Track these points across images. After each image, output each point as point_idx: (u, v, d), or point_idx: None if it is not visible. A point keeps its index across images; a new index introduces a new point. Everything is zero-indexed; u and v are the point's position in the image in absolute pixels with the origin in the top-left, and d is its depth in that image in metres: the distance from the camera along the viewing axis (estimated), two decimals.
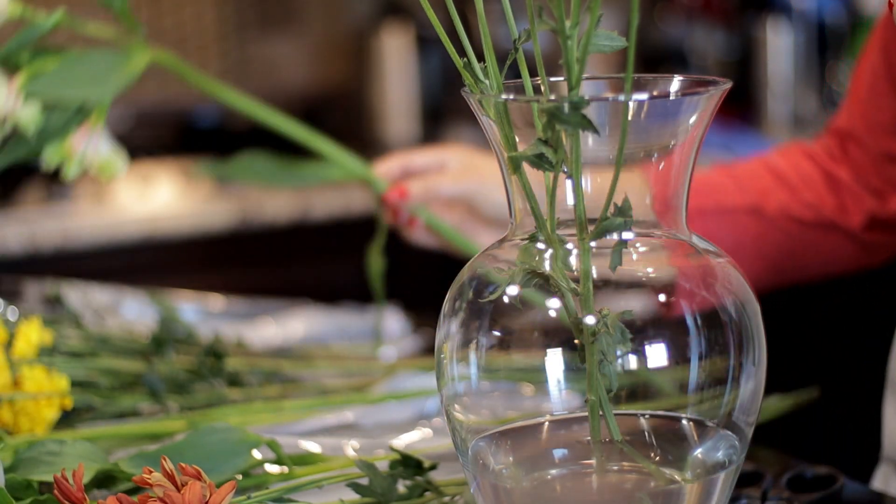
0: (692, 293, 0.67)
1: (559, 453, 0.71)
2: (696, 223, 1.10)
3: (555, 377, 0.67)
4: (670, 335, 0.66)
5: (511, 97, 0.67)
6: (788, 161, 1.16)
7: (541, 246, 0.67)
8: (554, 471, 0.70)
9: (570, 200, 0.66)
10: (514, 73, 0.70)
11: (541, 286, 0.66)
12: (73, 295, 1.30)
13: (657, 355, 0.66)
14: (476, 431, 0.70)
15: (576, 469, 0.70)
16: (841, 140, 1.15)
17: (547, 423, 0.71)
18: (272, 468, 0.83)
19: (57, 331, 1.06)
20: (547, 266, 0.66)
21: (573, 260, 0.66)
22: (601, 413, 0.66)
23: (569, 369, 0.67)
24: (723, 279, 0.68)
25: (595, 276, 0.66)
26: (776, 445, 0.92)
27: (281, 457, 0.83)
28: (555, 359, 0.67)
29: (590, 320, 0.65)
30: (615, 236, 0.67)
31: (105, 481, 0.81)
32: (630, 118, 0.65)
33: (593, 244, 0.66)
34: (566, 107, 0.61)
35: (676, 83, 0.71)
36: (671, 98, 0.69)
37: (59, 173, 0.98)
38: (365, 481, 0.78)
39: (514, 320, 0.67)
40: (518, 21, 0.69)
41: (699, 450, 0.69)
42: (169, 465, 0.68)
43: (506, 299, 0.67)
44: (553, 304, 0.66)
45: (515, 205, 0.70)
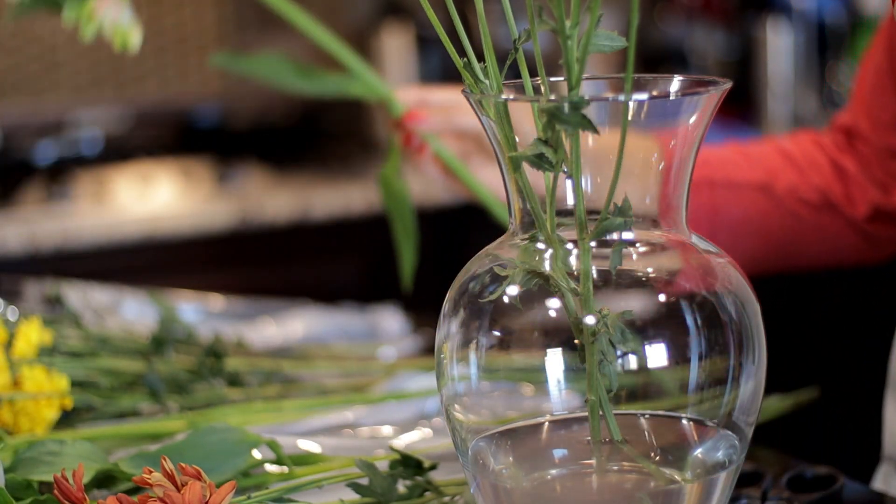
0: (692, 293, 0.67)
1: (559, 453, 0.71)
2: (705, 194, 1.11)
3: (555, 377, 0.67)
4: (670, 335, 0.66)
5: (511, 97, 0.67)
6: (799, 146, 1.16)
7: (541, 246, 0.67)
8: (554, 471, 0.70)
9: (571, 200, 0.66)
10: (514, 73, 0.70)
11: (541, 286, 0.66)
12: (73, 295, 1.30)
13: (657, 355, 0.66)
14: (476, 431, 0.70)
15: (576, 469, 0.70)
16: (845, 136, 1.16)
17: (547, 423, 0.71)
18: (272, 468, 0.83)
19: (57, 331, 1.06)
20: (547, 266, 0.66)
21: (573, 260, 0.66)
22: (601, 413, 0.66)
23: (569, 369, 0.67)
24: (723, 279, 0.68)
25: (595, 276, 0.66)
26: (776, 445, 0.92)
27: (281, 457, 0.83)
28: (555, 359, 0.67)
29: (590, 320, 0.65)
30: (615, 236, 0.67)
31: (105, 481, 0.81)
32: (630, 118, 0.65)
33: (593, 244, 0.66)
34: (566, 107, 0.61)
35: (676, 83, 0.71)
36: (671, 98, 0.69)
37: (59, 174, 0.98)
38: (365, 481, 0.78)
39: (514, 320, 0.67)
40: (518, 21, 0.69)
41: (699, 450, 0.69)
42: (169, 465, 0.68)
43: (506, 299, 0.67)
44: (553, 304, 0.66)
45: (515, 205, 0.70)
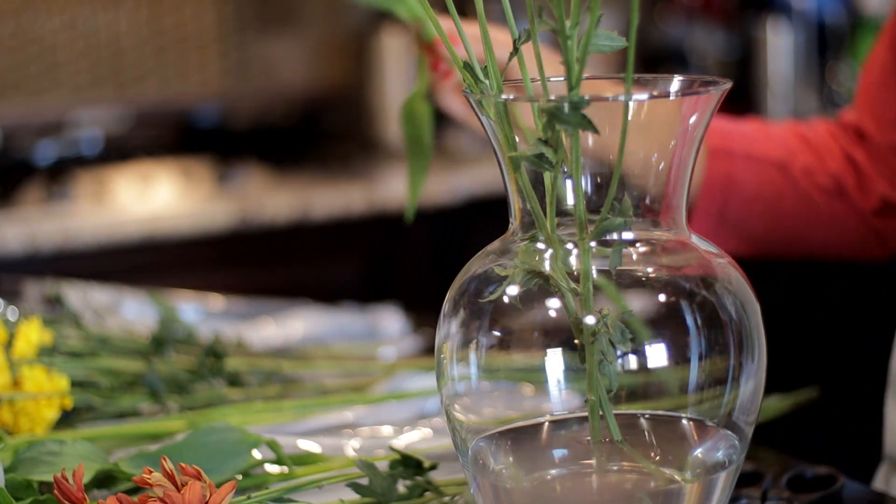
0: (692, 293, 0.67)
1: (559, 453, 0.71)
2: (722, 163, 1.10)
3: (555, 377, 0.67)
4: (670, 335, 0.66)
5: (511, 97, 0.67)
6: (815, 132, 1.17)
7: (541, 246, 0.67)
8: (554, 471, 0.70)
9: (571, 200, 0.66)
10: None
11: (541, 286, 0.66)
12: (73, 295, 1.30)
13: (657, 355, 0.66)
14: (476, 431, 0.70)
15: (576, 469, 0.70)
16: (852, 132, 1.16)
17: (547, 423, 0.71)
18: (272, 468, 0.83)
19: (57, 331, 1.06)
20: (547, 266, 0.66)
21: (573, 260, 0.66)
22: (601, 413, 0.66)
23: (569, 369, 0.67)
24: (723, 279, 0.68)
25: (595, 276, 0.66)
26: (776, 445, 0.92)
27: (281, 457, 0.83)
28: (555, 359, 0.67)
29: (590, 320, 0.65)
30: (615, 236, 0.67)
31: (105, 481, 0.81)
32: (630, 118, 0.65)
33: (593, 244, 0.66)
34: (566, 107, 0.61)
35: (676, 83, 0.71)
36: (671, 98, 0.69)
37: (59, 174, 0.98)
38: (365, 481, 0.78)
39: (514, 320, 0.67)
40: (518, 21, 0.69)
41: (699, 450, 0.69)
42: (169, 465, 0.68)
43: (506, 299, 0.67)
44: (553, 304, 0.66)
45: (515, 205, 0.70)
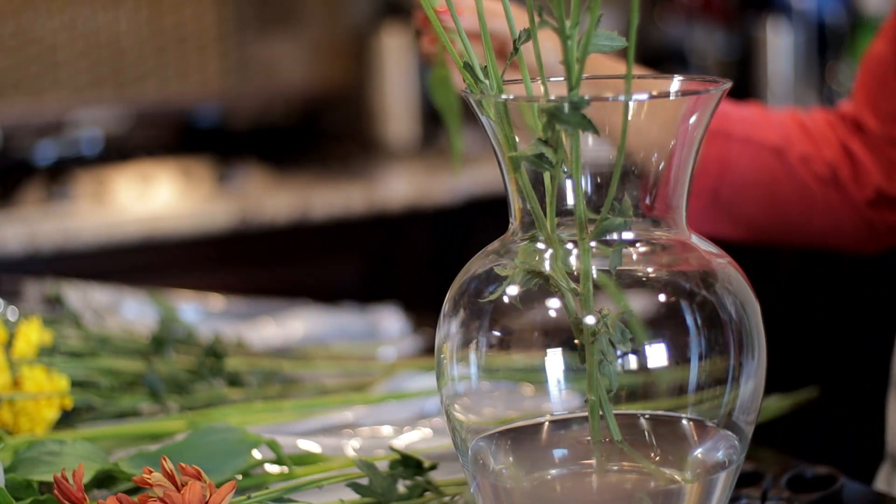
0: (692, 293, 0.67)
1: (559, 453, 0.71)
2: (719, 145, 1.10)
3: (555, 377, 0.67)
4: (670, 335, 0.66)
5: (511, 97, 0.67)
6: (814, 121, 1.17)
7: (541, 246, 0.67)
8: (554, 471, 0.70)
9: (571, 200, 0.66)
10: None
11: (541, 286, 0.66)
12: (73, 295, 1.30)
13: (657, 355, 0.66)
14: (476, 431, 0.70)
15: (576, 469, 0.70)
16: (850, 124, 1.16)
17: (547, 423, 0.71)
18: (272, 468, 0.83)
19: (57, 331, 1.06)
20: (547, 266, 0.66)
21: (573, 260, 0.66)
22: (601, 413, 0.66)
23: (569, 369, 0.67)
24: (723, 279, 0.68)
25: (595, 276, 0.65)
26: (776, 445, 0.92)
27: (281, 457, 0.83)
28: (555, 359, 0.67)
29: (590, 320, 0.65)
30: (615, 236, 0.67)
31: (105, 481, 0.81)
32: (630, 118, 0.65)
33: (593, 244, 0.66)
34: (566, 107, 0.61)
35: (676, 83, 0.71)
36: (671, 98, 0.69)
37: (59, 174, 0.98)
38: (365, 481, 0.78)
39: (514, 320, 0.67)
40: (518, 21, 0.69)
41: (699, 450, 0.69)
42: (169, 465, 0.68)
43: (506, 299, 0.67)
44: (553, 304, 0.66)
45: (515, 205, 0.70)
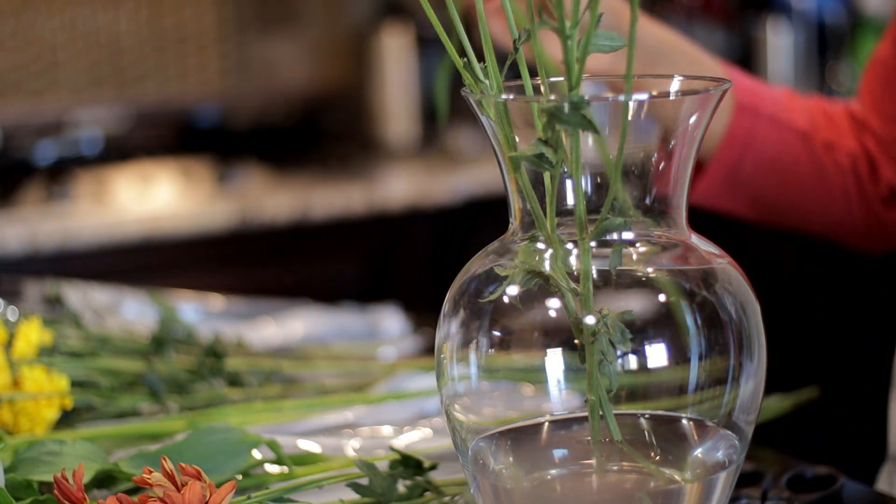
0: (692, 293, 0.67)
1: (559, 453, 0.71)
2: (747, 120, 1.10)
3: (555, 377, 0.67)
4: (670, 335, 0.66)
5: (511, 97, 0.67)
6: (836, 111, 1.16)
7: (541, 246, 0.67)
8: (554, 471, 0.70)
9: (571, 200, 0.66)
10: (515, 74, 0.70)
11: (541, 286, 0.66)
12: (73, 295, 1.30)
13: (657, 355, 0.66)
14: (476, 431, 0.70)
15: (576, 469, 0.70)
16: (858, 123, 1.16)
17: (547, 423, 0.71)
18: (272, 468, 0.83)
19: (57, 331, 1.06)
20: (547, 266, 0.66)
21: (573, 260, 0.66)
22: (601, 413, 0.66)
23: (569, 369, 0.67)
24: (723, 279, 0.68)
25: (595, 276, 0.66)
26: (776, 445, 0.92)
27: (281, 457, 0.83)
28: (555, 359, 0.67)
29: (590, 320, 0.65)
30: (615, 236, 0.67)
31: (105, 481, 0.81)
32: (630, 118, 0.65)
33: (593, 244, 0.66)
34: (566, 107, 0.61)
35: (676, 83, 0.71)
36: (671, 98, 0.69)
37: (59, 174, 0.98)
38: (365, 481, 0.78)
39: (514, 320, 0.67)
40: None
41: (699, 450, 0.69)
42: (169, 465, 0.68)
43: (506, 299, 0.67)
44: (553, 304, 0.66)
45: (515, 205, 0.70)
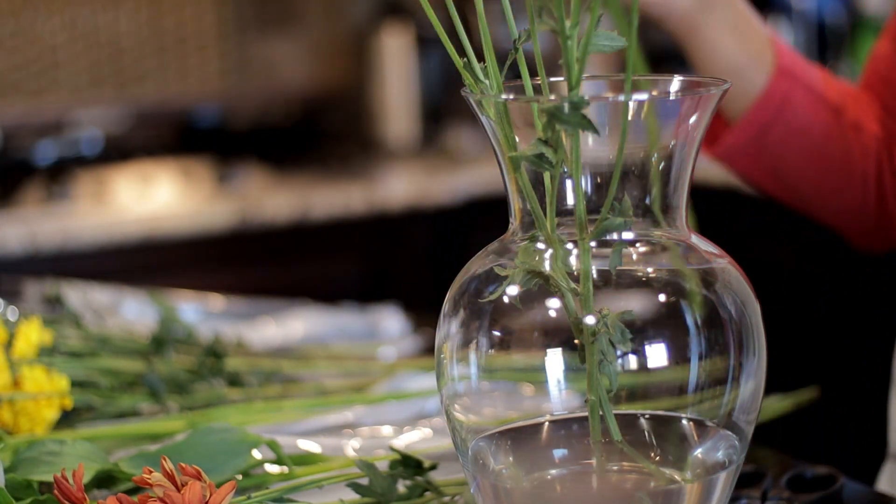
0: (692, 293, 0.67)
1: (559, 453, 0.71)
2: (785, 83, 1.09)
3: (555, 377, 0.67)
4: (670, 335, 0.66)
5: (511, 97, 0.67)
6: (864, 97, 1.16)
7: (541, 246, 0.67)
8: (554, 471, 0.70)
9: (571, 200, 0.66)
10: (515, 73, 0.70)
11: (541, 286, 0.66)
12: (73, 295, 1.30)
13: (657, 355, 0.66)
14: (476, 431, 0.70)
15: (576, 469, 0.70)
16: None
17: (547, 423, 0.71)
18: (272, 468, 0.83)
19: (57, 331, 1.06)
20: (547, 266, 0.66)
21: (573, 260, 0.66)
22: (601, 413, 0.66)
23: (569, 369, 0.67)
24: (723, 279, 0.68)
25: (595, 276, 0.66)
26: (776, 445, 0.92)
27: (281, 457, 0.83)
28: (555, 359, 0.67)
29: (590, 320, 0.65)
30: (615, 236, 0.67)
31: (105, 481, 0.81)
32: (630, 118, 0.65)
33: (593, 244, 0.66)
34: (566, 107, 0.61)
35: (676, 83, 0.71)
36: (671, 98, 0.69)
37: (59, 174, 0.98)
38: (365, 481, 0.78)
39: (514, 320, 0.67)
40: (518, 21, 0.69)
41: (699, 450, 0.69)
42: (169, 465, 0.68)
43: (506, 299, 0.67)
44: (553, 304, 0.66)
45: (515, 205, 0.70)
